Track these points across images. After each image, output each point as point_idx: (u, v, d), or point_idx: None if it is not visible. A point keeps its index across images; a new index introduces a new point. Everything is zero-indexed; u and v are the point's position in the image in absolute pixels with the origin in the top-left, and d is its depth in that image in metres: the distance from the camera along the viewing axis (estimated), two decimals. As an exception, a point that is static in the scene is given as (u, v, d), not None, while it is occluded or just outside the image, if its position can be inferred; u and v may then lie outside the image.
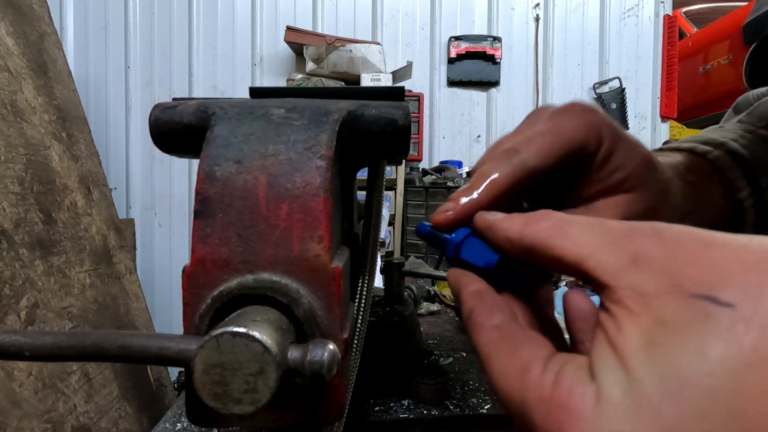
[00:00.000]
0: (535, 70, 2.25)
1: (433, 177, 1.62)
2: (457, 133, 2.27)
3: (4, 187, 1.00)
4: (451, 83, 2.24)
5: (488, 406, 0.43)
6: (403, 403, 0.43)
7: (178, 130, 0.27)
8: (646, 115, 2.29)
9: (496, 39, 2.19)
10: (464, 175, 1.68)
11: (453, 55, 2.18)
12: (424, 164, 2.08)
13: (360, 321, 0.30)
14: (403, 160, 1.32)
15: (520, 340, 0.18)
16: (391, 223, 1.67)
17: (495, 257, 0.22)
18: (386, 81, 1.88)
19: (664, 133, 2.29)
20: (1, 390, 0.83)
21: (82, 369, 1.03)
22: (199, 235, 0.23)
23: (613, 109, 2.24)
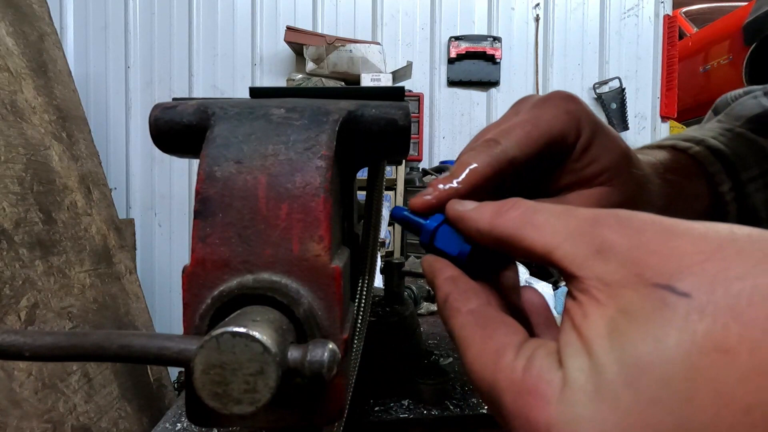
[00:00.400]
0: (535, 70, 2.25)
1: (433, 177, 1.62)
2: (457, 133, 2.27)
3: (4, 187, 1.00)
4: (451, 83, 2.24)
5: (488, 407, 0.43)
6: (403, 403, 0.43)
7: (178, 130, 0.27)
8: (646, 115, 2.29)
9: (496, 39, 2.19)
10: (464, 175, 1.68)
11: (453, 55, 2.18)
12: (424, 164, 2.08)
13: (360, 321, 0.30)
14: (403, 160, 1.32)
15: (495, 325, 0.19)
16: (391, 223, 1.67)
17: (467, 247, 0.23)
18: (386, 81, 1.88)
19: (664, 133, 2.29)
20: (1, 390, 0.83)
21: (82, 369, 1.03)
22: (199, 235, 0.23)
23: (613, 109, 2.24)
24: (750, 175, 0.36)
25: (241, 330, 0.18)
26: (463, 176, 0.25)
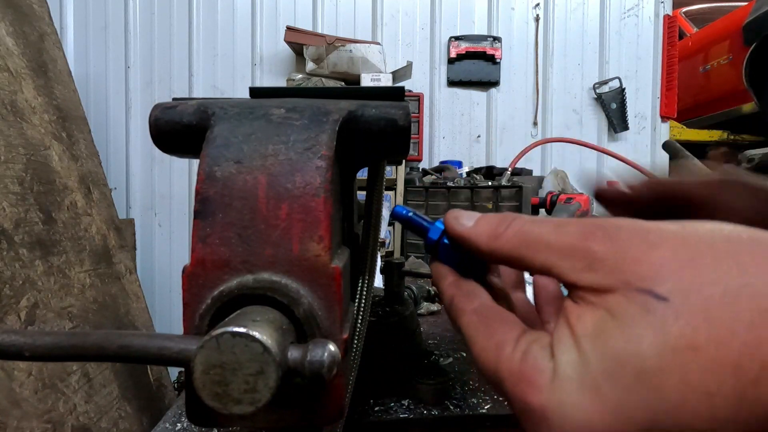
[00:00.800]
0: (535, 70, 2.25)
1: (433, 177, 1.62)
2: (457, 133, 2.27)
3: (4, 187, 1.00)
4: (451, 83, 2.24)
5: (488, 406, 0.43)
6: (403, 403, 0.43)
7: (178, 130, 0.27)
8: (646, 115, 2.29)
9: (496, 39, 2.19)
10: (464, 175, 1.68)
11: (453, 55, 2.18)
12: (424, 164, 2.08)
13: (360, 321, 0.30)
14: (403, 160, 1.32)
15: (496, 321, 0.21)
16: (391, 223, 1.67)
17: (464, 259, 0.25)
18: (386, 81, 1.88)
19: (664, 133, 2.29)
20: (1, 390, 0.83)
21: (82, 369, 1.03)
22: (199, 235, 0.23)
23: (613, 109, 2.24)
24: None
25: (241, 330, 0.18)
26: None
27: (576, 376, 0.16)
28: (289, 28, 1.99)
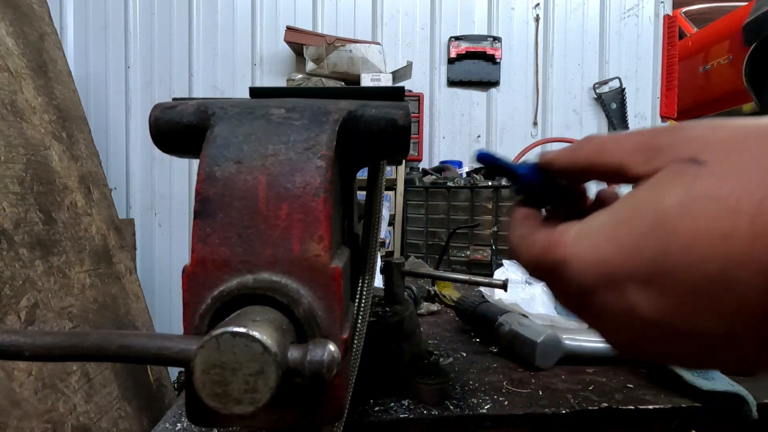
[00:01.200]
0: (535, 70, 2.25)
1: (433, 177, 1.62)
2: (457, 133, 2.27)
3: (4, 187, 1.00)
4: (451, 83, 2.24)
5: (488, 406, 0.43)
6: (403, 403, 0.43)
7: (178, 130, 0.27)
8: (646, 115, 2.29)
9: (496, 39, 2.19)
10: (464, 175, 1.68)
11: (453, 55, 2.18)
12: (424, 164, 2.08)
13: (360, 321, 0.30)
14: (403, 160, 1.32)
15: (539, 231, 0.23)
16: (391, 223, 1.67)
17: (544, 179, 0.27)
18: (386, 81, 1.88)
19: (664, 133, 2.28)
20: (1, 390, 0.83)
21: (82, 369, 1.03)
22: (199, 235, 0.23)
23: (613, 109, 2.24)
24: None
25: (241, 330, 0.18)
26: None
27: (597, 227, 0.18)
28: (289, 28, 1.99)
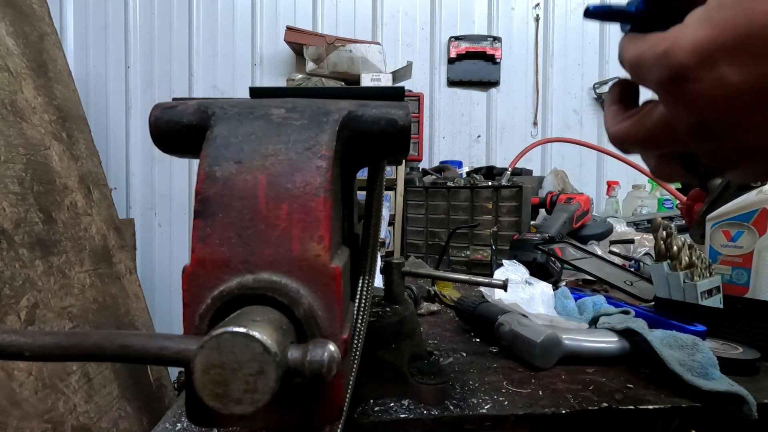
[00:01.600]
0: (535, 70, 2.25)
1: (433, 177, 1.62)
2: (457, 133, 2.27)
3: (4, 187, 1.00)
4: (451, 83, 2.24)
5: (488, 406, 0.43)
6: (403, 403, 0.43)
7: (178, 130, 0.27)
8: (646, 115, 2.29)
9: (496, 39, 2.19)
10: (464, 175, 1.68)
11: (453, 55, 2.18)
12: (424, 164, 2.08)
13: (360, 321, 0.30)
14: (403, 160, 1.32)
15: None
16: (391, 223, 1.66)
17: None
18: (386, 81, 1.88)
19: (664, 133, 2.29)
20: (1, 390, 0.83)
21: (82, 369, 1.03)
22: (199, 235, 0.23)
23: (613, 109, 2.23)
24: None
25: (241, 330, 0.18)
26: None
27: (694, 20, 0.21)
28: (289, 28, 1.99)
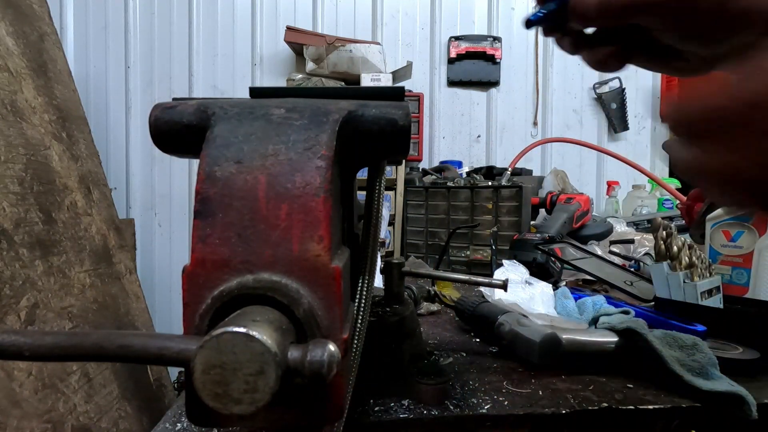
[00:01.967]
0: (535, 70, 2.25)
1: (433, 177, 1.62)
2: (457, 133, 2.27)
3: (4, 187, 1.00)
4: (451, 83, 2.24)
5: (488, 406, 0.43)
6: (403, 403, 0.43)
7: (178, 130, 0.27)
8: (646, 115, 2.29)
9: (496, 39, 2.19)
10: (464, 175, 1.68)
11: (453, 55, 2.18)
12: (424, 164, 2.08)
13: (360, 321, 0.30)
14: (403, 160, 1.32)
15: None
16: (391, 223, 1.66)
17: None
18: (386, 81, 1.88)
19: (664, 133, 2.29)
20: (1, 390, 0.83)
21: (82, 369, 1.03)
22: (199, 235, 0.23)
23: (613, 109, 2.24)
24: None
25: (241, 330, 0.18)
26: None
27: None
28: (289, 28, 1.99)
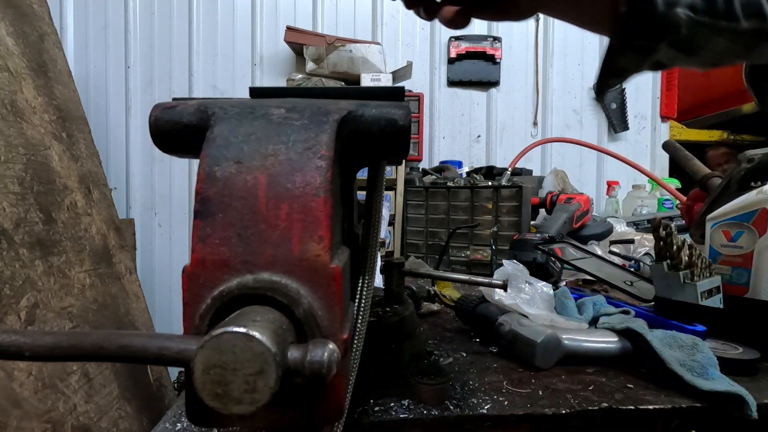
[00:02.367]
0: (535, 70, 2.25)
1: (433, 177, 1.62)
2: (457, 133, 2.27)
3: (4, 187, 1.00)
4: (451, 83, 2.24)
5: (488, 406, 0.43)
6: (403, 403, 0.43)
7: (179, 130, 0.27)
8: (646, 115, 2.29)
9: (496, 39, 2.19)
10: (464, 175, 1.68)
11: (453, 55, 2.18)
12: (424, 164, 2.08)
13: (360, 321, 0.30)
14: (403, 160, 1.32)
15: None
16: (391, 223, 1.66)
17: None
18: (386, 81, 1.88)
19: (664, 133, 2.29)
20: (1, 390, 0.83)
21: (82, 369, 1.03)
22: (199, 235, 0.23)
23: (613, 109, 2.24)
24: None
25: (241, 330, 0.18)
26: None
27: None
28: (289, 28, 1.99)
